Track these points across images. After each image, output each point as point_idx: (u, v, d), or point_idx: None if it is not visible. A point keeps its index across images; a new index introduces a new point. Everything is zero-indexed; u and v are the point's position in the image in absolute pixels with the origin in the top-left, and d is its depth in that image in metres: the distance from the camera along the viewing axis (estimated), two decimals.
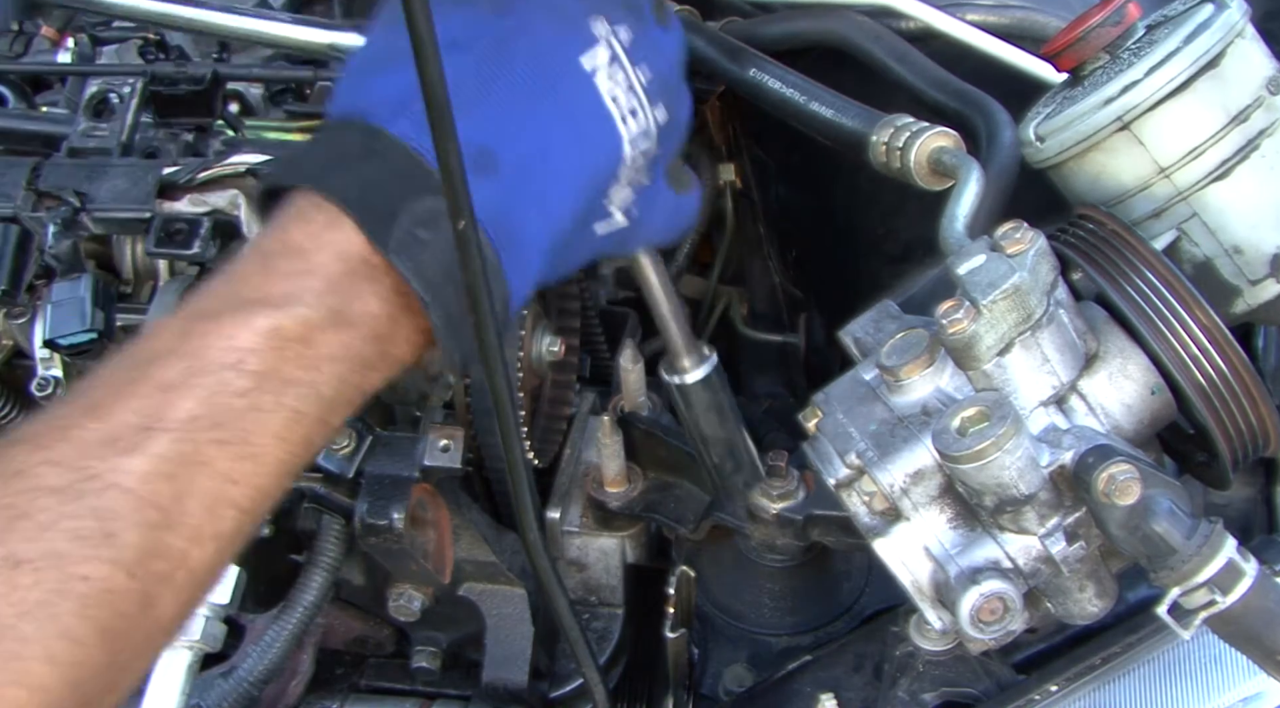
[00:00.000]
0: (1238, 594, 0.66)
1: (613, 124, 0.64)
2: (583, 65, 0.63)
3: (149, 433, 0.53)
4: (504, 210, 0.60)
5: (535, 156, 0.62)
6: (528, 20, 0.62)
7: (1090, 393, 0.75)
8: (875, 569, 1.01)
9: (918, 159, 0.76)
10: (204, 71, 1.22)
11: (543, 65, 0.62)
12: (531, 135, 0.61)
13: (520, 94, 0.61)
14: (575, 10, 0.63)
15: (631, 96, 0.65)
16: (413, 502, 0.98)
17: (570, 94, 0.63)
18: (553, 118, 0.62)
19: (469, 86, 0.60)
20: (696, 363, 0.93)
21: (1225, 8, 0.77)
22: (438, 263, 0.58)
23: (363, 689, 1.17)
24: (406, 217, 0.58)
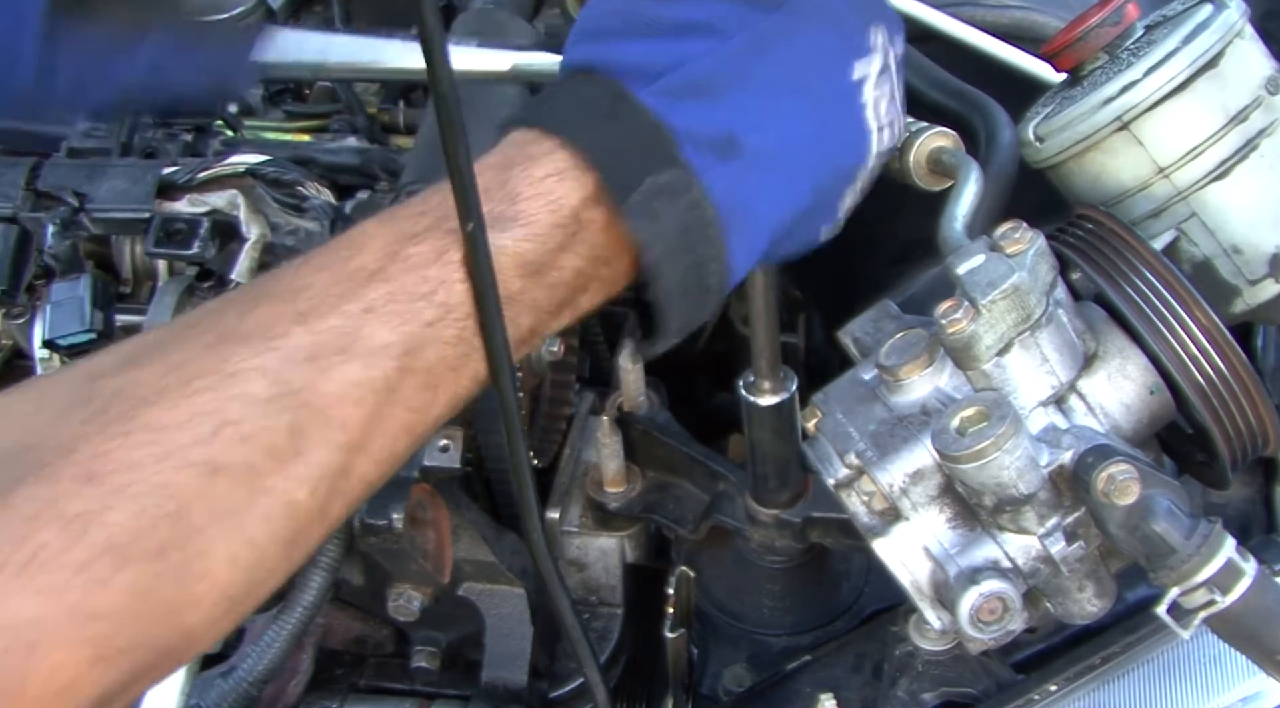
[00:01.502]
0: (1237, 594, 0.66)
1: (867, 133, 0.65)
2: (852, 72, 0.64)
3: (344, 356, 0.55)
4: (737, 195, 0.62)
5: (779, 152, 0.63)
6: (797, 20, 0.63)
7: (1089, 393, 0.75)
8: (875, 569, 1.01)
9: (917, 159, 0.76)
10: None
11: (807, 68, 0.63)
12: (778, 129, 0.62)
13: (775, 90, 0.62)
14: (854, 18, 0.64)
15: (893, 108, 0.66)
16: (412, 502, 0.98)
17: (830, 97, 0.64)
18: (804, 116, 0.63)
19: (725, 72, 0.62)
20: (775, 389, 0.94)
21: (1224, 8, 0.77)
22: (670, 234, 0.60)
23: (362, 689, 1.17)
24: (650, 183, 0.59)
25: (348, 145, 1.29)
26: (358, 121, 1.40)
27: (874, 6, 0.65)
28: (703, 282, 0.63)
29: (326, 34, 1.21)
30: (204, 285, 1.10)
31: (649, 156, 0.60)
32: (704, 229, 0.61)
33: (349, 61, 1.09)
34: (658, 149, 0.60)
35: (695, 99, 0.61)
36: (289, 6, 1.55)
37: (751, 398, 0.95)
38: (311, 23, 1.54)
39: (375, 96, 1.47)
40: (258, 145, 1.23)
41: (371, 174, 1.18)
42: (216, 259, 1.11)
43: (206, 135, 1.22)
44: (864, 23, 0.64)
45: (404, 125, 1.44)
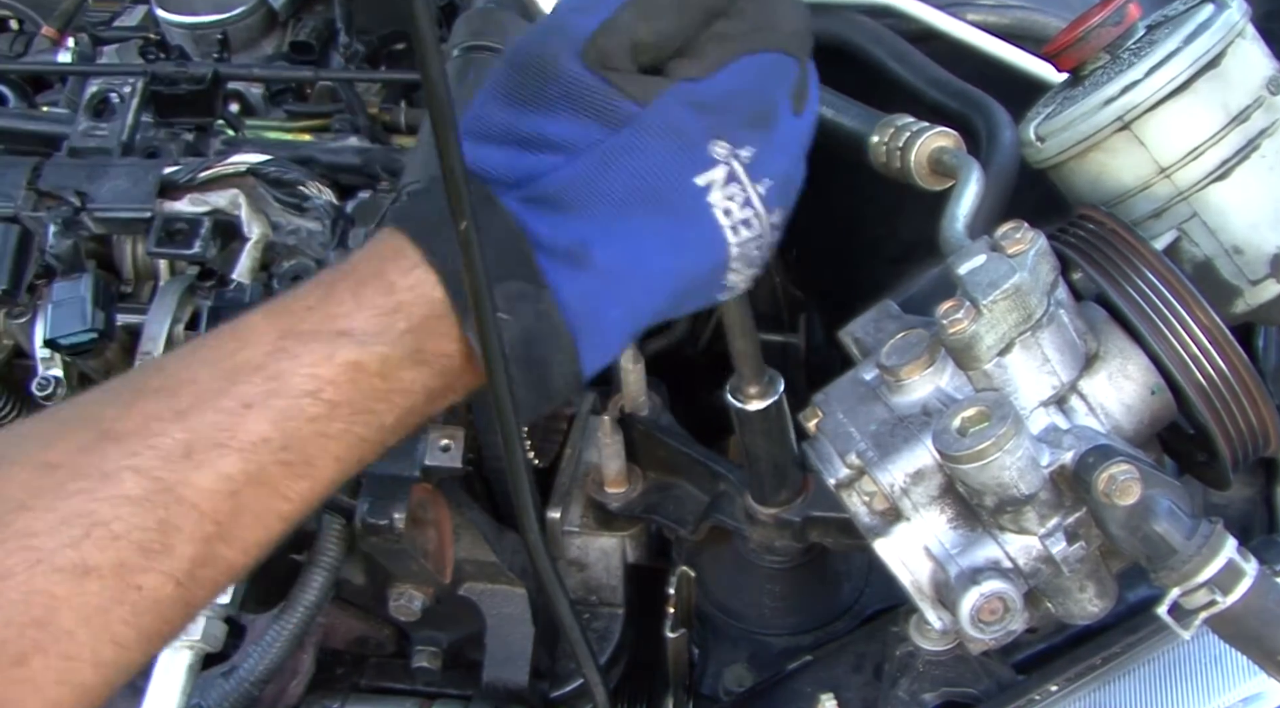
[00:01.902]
0: (1238, 594, 0.66)
1: (720, 234, 0.65)
2: (695, 182, 0.64)
3: (222, 451, 0.57)
4: (589, 302, 0.63)
5: (628, 261, 0.64)
6: (641, 138, 0.63)
7: (1090, 393, 0.75)
8: (875, 569, 1.01)
9: (918, 159, 0.76)
10: (204, 71, 1.22)
11: (654, 181, 0.63)
12: (626, 241, 0.63)
13: (624, 205, 0.63)
14: (695, 133, 0.64)
15: (747, 209, 0.66)
16: (413, 502, 0.98)
17: (676, 208, 0.64)
18: (652, 228, 0.64)
19: (573, 187, 0.63)
20: (760, 394, 0.94)
21: (1225, 7, 0.77)
22: (510, 345, 0.61)
23: (363, 689, 1.17)
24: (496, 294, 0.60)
25: (349, 145, 1.29)
26: (359, 121, 1.40)
27: (716, 123, 0.64)
28: (546, 384, 0.64)
29: None
30: (205, 285, 1.10)
31: (502, 263, 0.61)
32: (548, 338, 0.62)
33: None
34: (511, 256, 0.62)
35: (548, 211, 0.63)
36: (289, 6, 1.55)
37: (739, 404, 0.95)
38: (311, 22, 1.54)
39: (376, 96, 1.47)
40: (259, 145, 1.23)
41: (373, 174, 1.19)
42: (218, 259, 1.11)
43: (208, 135, 1.22)
44: (703, 137, 0.64)
45: (405, 125, 1.44)
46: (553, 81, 0.63)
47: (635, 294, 0.64)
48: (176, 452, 0.56)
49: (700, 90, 0.64)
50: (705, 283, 0.67)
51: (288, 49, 1.53)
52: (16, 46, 1.72)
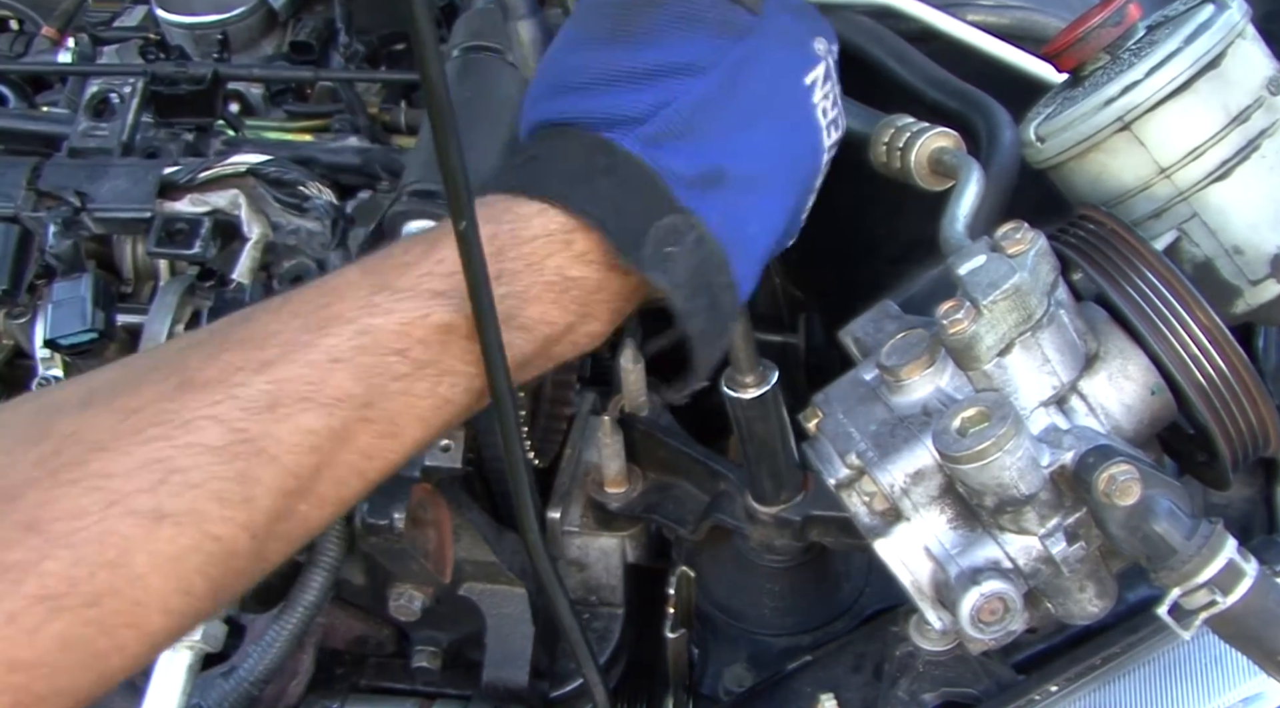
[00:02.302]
0: (1238, 595, 0.66)
1: (820, 136, 0.69)
2: (805, 82, 0.67)
3: (306, 404, 0.56)
4: (732, 223, 0.64)
5: (759, 173, 0.65)
6: (763, 44, 0.65)
7: (1090, 393, 0.75)
8: (875, 569, 1.01)
9: (918, 159, 0.76)
10: (204, 71, 1.22)
11: (774, 87, 0.66)
12: (756, 153, 0.65)
13: (751, 116, 0.65)
14: (801, 32, 0.68)
15: (835, 108, 0.69)
16: (413, 502, 0.98)
17: (793, 112, 0.67)
18: (775, 135, 0.66)
19: (706, 110, 0.64)
20: (756, 382, 0.94)
21: (1226, 8, 0.77)
22: (687, 275, 0.62)
23: (363, 689, 1.17)
24: (655, 232, 0.61)
25: (349, 145, 1.29)
26: (359, 121, 1.40)
27: (812, 17, 0.69)
28: (720, 312, 0.65)
29: None
30: (205, 285, 1.10)
31: (648, 205, 0.62)
32: (712, 263, 0.63)
33: None
34: (654, 196, 0.62)
35: (680, 140, 0.63)
36: (289, 6, 1.55)
37: (734, 393, 0.95)
38: (311, 22, 1.54)
39: (377, 96, 1.46)
40: (259, 145, 1.23)
41: (373, 174, 1.18)
42: (218, 259, 1.11)
43: (208, 135, 1.22)
44: (809, 34, 0.68)
45: (405, 125, 1.44)
46: (661, 8, 0.64)
47: (768, 204, 0.66)
48: (260, 403, 0.55)
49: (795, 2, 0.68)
50: (807, 190, 0.70)
51: (288, 49, 1.53)
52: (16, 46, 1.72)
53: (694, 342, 0.64)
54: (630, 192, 0.62)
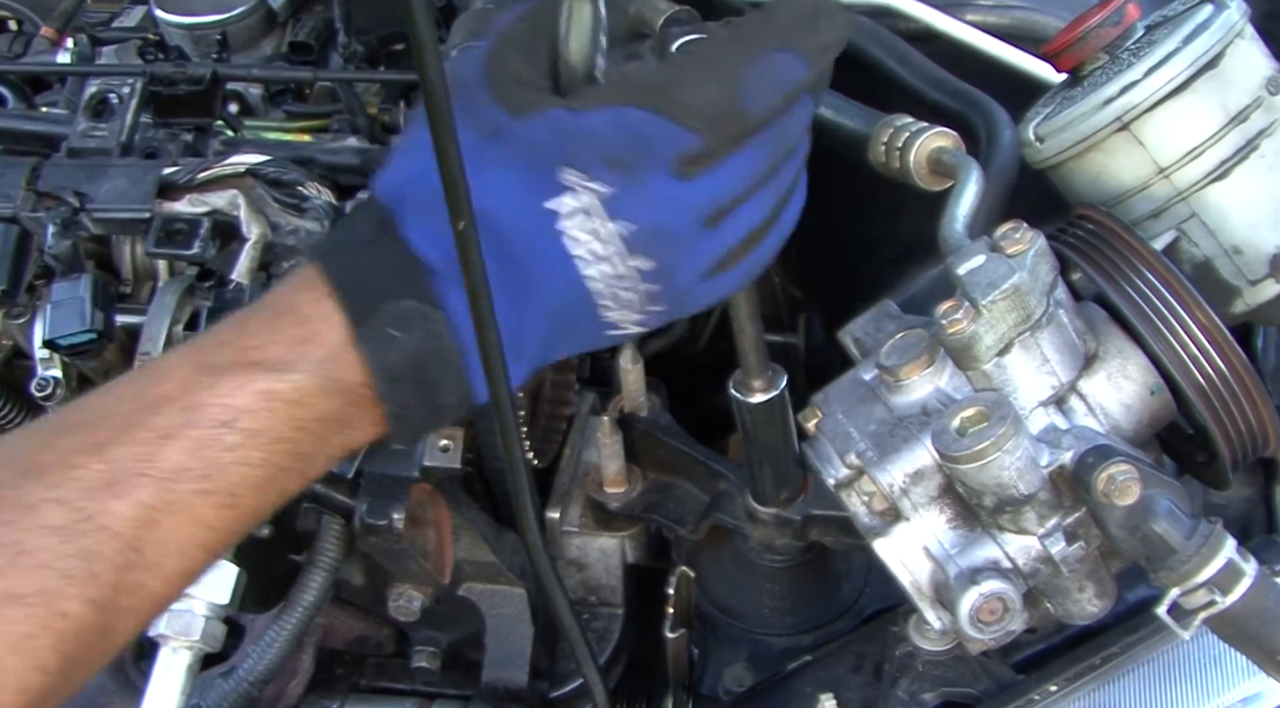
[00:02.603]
0: (1237, 595, 0.66)
1: (571, 264, 0.63)
2: (545, 206, 0.63)
3: (140, 479, 0.59)
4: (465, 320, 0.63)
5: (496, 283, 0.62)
6: (499, 151, 0.63)
7: (1090, 393, 0.75)
8: (875, 569, 1.01)
9: (918, 159, 0.76)
10: (203, 71, 1.22)
11: (500, 199, 0.63)
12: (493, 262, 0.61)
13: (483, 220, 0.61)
14: (550, 155, 0.63)
15: (599, 244, 0.63)
16: (412, 502, 0.98)
17: (523, 234, 0.63)
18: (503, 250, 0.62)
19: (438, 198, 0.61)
20: (764, 387, 0.94)
21: (1224, 8, 0.77)
22: (401, 361, 0.62)
23: (363, 689, 1.17)
24: (386, 312, 0.61)
25: (348, 145, 1.29)
26: (358, 121, 1.40)
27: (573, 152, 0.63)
28: (434, 404, 0.64)
29: None
30: (204, 285, 1.10)
31: (392, 284, 0.62)
32: (440, 356, 0.62)
33: None
34: (403, 277, 0.62)
35: (428, 226, 0.62)
36: (288, 7, 1.55)
37: (742, 397, 0.95)
38: (311, 22, 1.54)
39: (376, 97, 1.46)
40: (258, 145, 1.23)
41: (372, 174, 1.18)
42: (217, 259, 1.11)
43: (207, 135, 1.22)
44: (555, 162, 0.62)
45: (404, 125, 1.43)
46: (456, 87, 0.61)
47: (507, 318, 0.62)
48: (96, 482, 0.58)
49: (570, 121, 0.62)
50: (578, 318, 0.65)
51: (287, 49, 1.53)
52: (16, 47, 1.72)
53: (389, 422, 0.64)
54: (381, 267, 0.62)
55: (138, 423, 0.60)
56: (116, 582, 0.58)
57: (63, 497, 0.57)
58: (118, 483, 0.58)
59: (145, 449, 0.59)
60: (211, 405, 0.60)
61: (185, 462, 0.59)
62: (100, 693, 1.10)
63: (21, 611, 0.55)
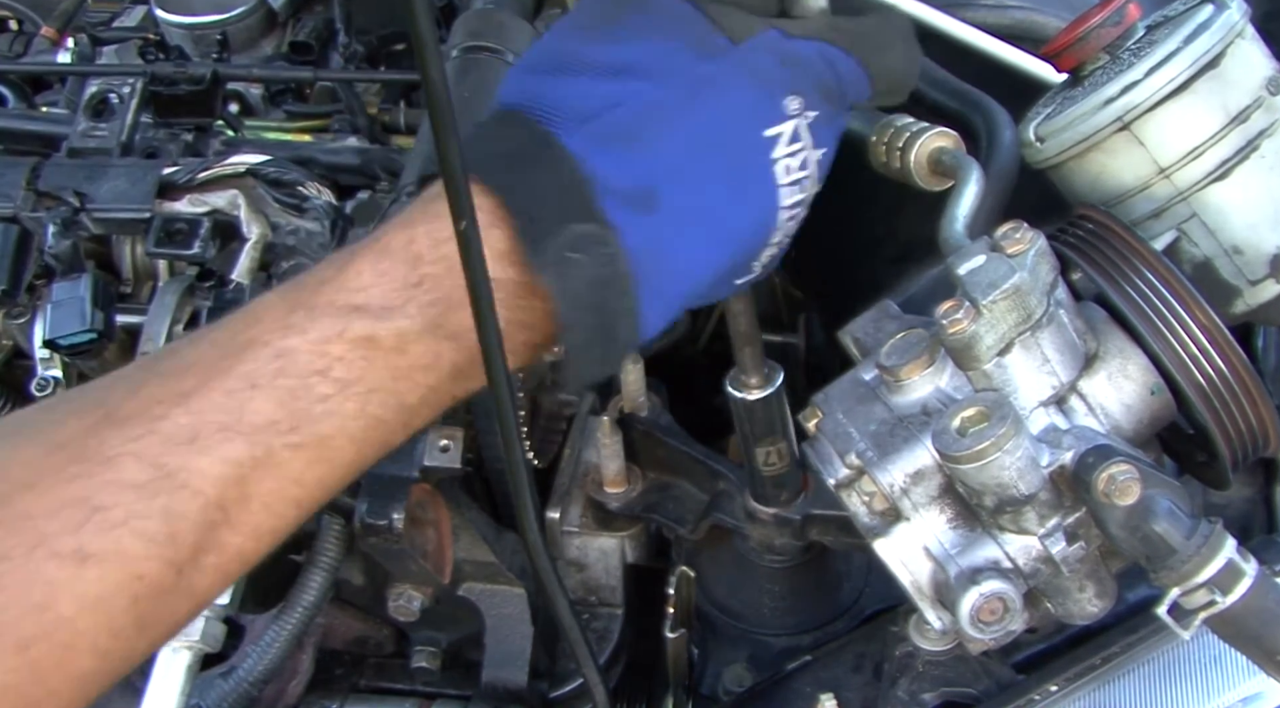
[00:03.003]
0: (1238, 595, 0.66)
1: (776, 195, 0.64)
2: (765, 134, 0.63)
3: (228, 435, 0.55)
4: (655, 251, 0.60)
5: (694, 209, 0.62)
6: (728, 75, 0.62)
7: (1090, 393, 0.75)
8: (875, 569, 1.01)
9: (918, 159, 0.76)
10: (204, 71, 1.22)
11: (726, 123, 0.62)
12: (693, 185, 0.61)
13: (697, 144, 0.61)
14: (776, 81, 0.63)
15: (803, 172, 0.65)
16: (412, 502, 0.98)
17: (745, 156, 0.63)
18: (721, 176, 0.62)
19: (652, 118, 0.61)
20: (760, 384, 0.94)
21: (1225, 8, 0.77)
22: (581, 287, 0.59)
23: (362, 689, 1.17)
24: (566, 234, 0.58)
25: (348, 145, 1.29)
26: (358, 121, 1.40)
27: (796, 78, 0.64)
28: (611, 337, 0.61)
29: None
30: (204, 285, 1.10)
31: (566, 207, 0.59)
32: (616, 285, 0.60)
33: None
34: (576, 199, 0.59)
35: (619, 146, 0.60)
36: (289, 6, 1.55)
37: (739, 394, 0.95)
38: (311, 22, 1.54)
39: (376, 97, 1.47)
40: (258, 145, 1.23)
41: (372, 174, 1.18)
42: (217, 259, 1.11)
43: (207, 135, 1.22)
44: (783, 87, 0.63)
45: (404, 125, 1.44)
46: (647, 7, 0.62)
47: (696, 246, 0.62)
48: (180, 436, 0.54)
49: (789, 46, 0.64)
50: (748, 251, 0.66)
51: (287, 49, 1.53)
52: (16, 47, 1.72)
53: (569, 357, 0.61)
54: (553, 189, 0.59)
55: (226, 370, 0.56)
56: (198, 542, 0.54)
57: (143, 451, 0.54)
58: (202, 437, 0.54)
59: (230, 400, 0.55)
60: (304, 352, 0.56)
61: (274, 414, 0.56)
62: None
63: (95, 571, 0.52)
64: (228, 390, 0.56)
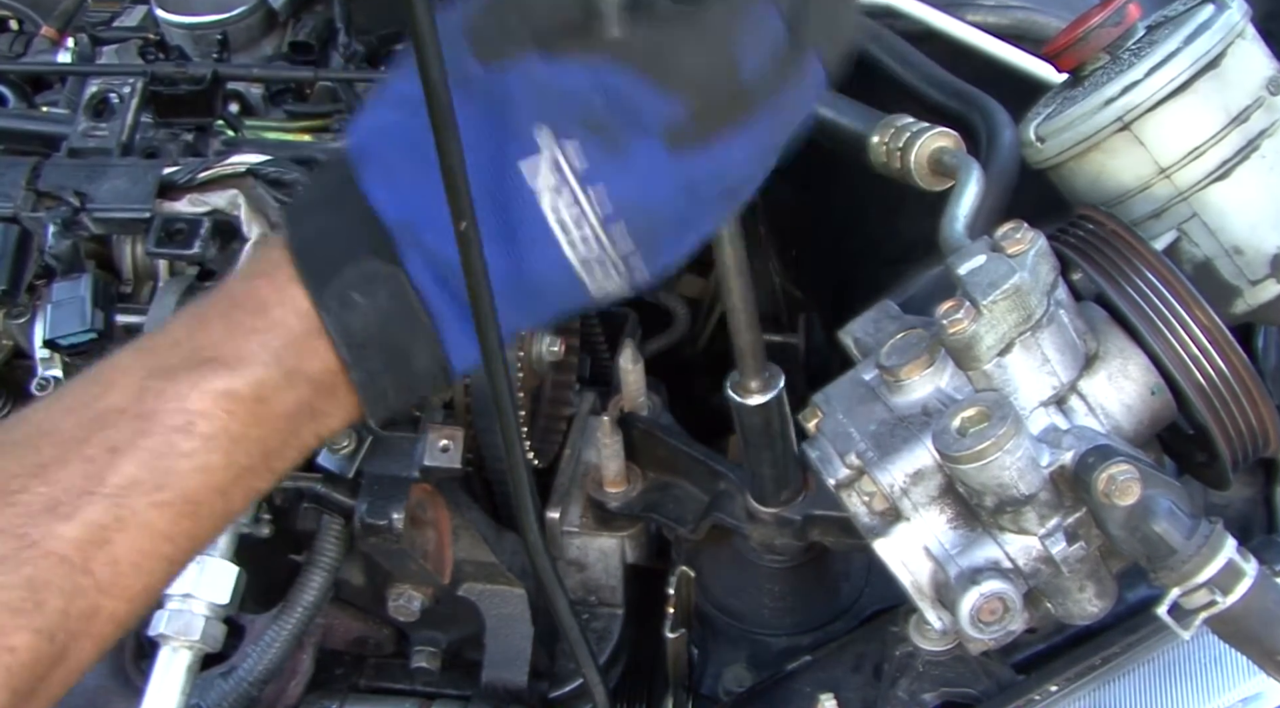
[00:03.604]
0: (1238, 595, 0.66)
1: (547, 230, 0.58)
2: (520, 168, 0.58)
3: (89, 498, 0.55)
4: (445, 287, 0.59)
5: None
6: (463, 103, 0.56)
7: (1090, 393, 0.75)
8: (875, 569, 1.01)
9: (918, 159, 0.76)
10: (204, 71, 1.22)
11: (472, 151, 0.56)
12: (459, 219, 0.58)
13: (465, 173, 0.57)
14: (522, 110, 0.57)
15: (576, 209, 0.58)
16: (412, 502, 0.98)
17: (501, 191, 0.58)
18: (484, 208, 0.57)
19: (400, 152, 0.59)
20: (761, 388, 0.94)
21: (1225, 8, 0.77)
22: (365, 326, 0.58)
23: (362, 689, 1.17)
24: (348, 273, 0.58)
25: None
26: None
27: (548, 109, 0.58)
28: (409, 372, 0.60)
29: None
30: (205, 285, 1.10)
31: (353, 245, 0.58)
32: (408, 320, 0.59)
33: None
34: (365, 233, 0.58)
35: (386, 183, 0.59)
36: (289, 6, 1.55)
37: (739, 399, 0.94)
38: (311, 22, 1.54)
39: None
40: (259, 145, 1.23)
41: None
42: (217, 259, 1.11)
43: (207, 135, 1.22)
44: (529, 117, 0.57)
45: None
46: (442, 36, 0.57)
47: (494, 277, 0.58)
48: (37, 505, 0.54)
49: (545, 74, 0.57)
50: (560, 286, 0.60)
51: (287, 49, 1.53)
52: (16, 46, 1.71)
53: (360, 395, 0.60)
54: (340, 225, 0.58)
55: (83, 439, 0.56)
56: (67, 608, 0.54)
57: (2, 525, 0.53)
58: (62, 505, 0.54)
59: (92, 467, 0.55)
60: (164, 412, 0.56)
61: (137, 475, 0.55)
62: (100, 693, 1.10)
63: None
64: (87, 457, 0.55)
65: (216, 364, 0.57)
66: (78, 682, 0.58)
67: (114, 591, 0.56)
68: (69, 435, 0.56)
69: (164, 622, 0.90)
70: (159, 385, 0.57)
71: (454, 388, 1.05)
